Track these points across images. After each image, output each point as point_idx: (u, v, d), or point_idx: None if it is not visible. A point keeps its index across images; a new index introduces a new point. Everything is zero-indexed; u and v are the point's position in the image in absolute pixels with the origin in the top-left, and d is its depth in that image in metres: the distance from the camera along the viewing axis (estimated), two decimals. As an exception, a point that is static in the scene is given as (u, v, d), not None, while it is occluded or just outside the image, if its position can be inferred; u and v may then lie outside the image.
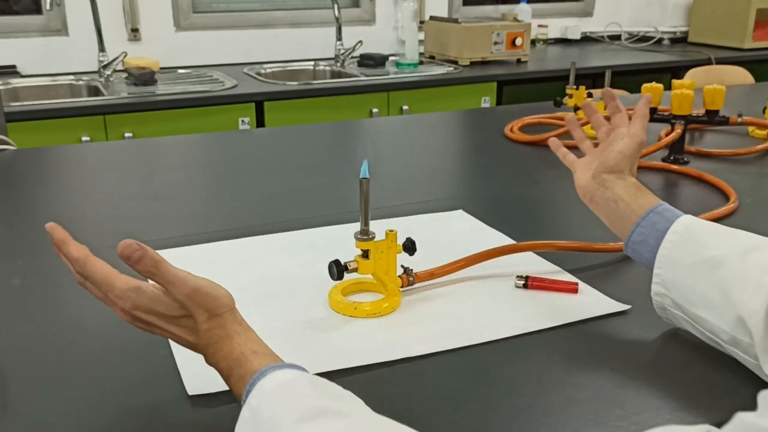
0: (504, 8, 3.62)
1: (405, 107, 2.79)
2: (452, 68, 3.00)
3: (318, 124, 2.27)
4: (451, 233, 1.14)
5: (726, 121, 1.62)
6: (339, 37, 3.06)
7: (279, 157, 1.63)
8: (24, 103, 2.33)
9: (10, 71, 2.72)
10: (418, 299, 0.92)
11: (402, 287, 0.91)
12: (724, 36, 3.62)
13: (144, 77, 2.58)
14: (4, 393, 0.72)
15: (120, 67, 2.68)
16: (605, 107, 0.99)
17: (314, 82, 2.88)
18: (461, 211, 1.22)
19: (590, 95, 1.76)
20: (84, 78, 2.73)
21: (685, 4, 3.83)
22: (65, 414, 0.70)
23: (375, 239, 0.85)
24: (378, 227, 0.85)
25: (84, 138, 2.29)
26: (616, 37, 3.80)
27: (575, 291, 0.92)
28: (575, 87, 1.78)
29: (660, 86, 1.56)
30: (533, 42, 3.60)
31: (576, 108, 1.78)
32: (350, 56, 3.08)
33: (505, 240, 1.09)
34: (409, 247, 0.89)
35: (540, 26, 3.65)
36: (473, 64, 3.08)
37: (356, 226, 0.85)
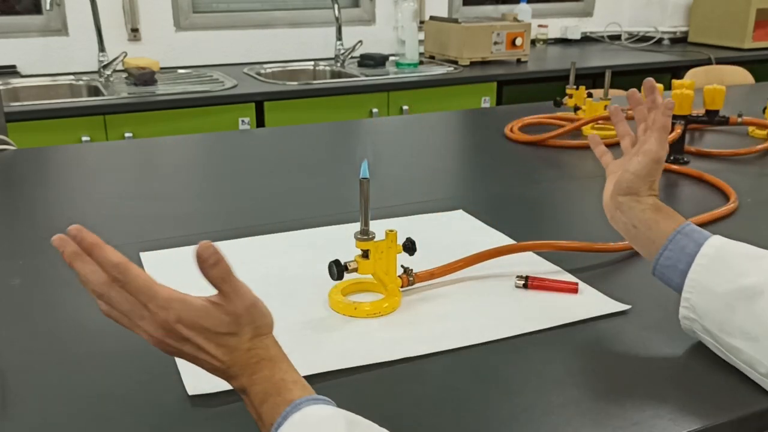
0: (504, 8, 3.62)
1: (405, 107, 2.79)
2: (452, 68, 3.00)
3: (318, 124, 2.27)
4: (451, 233, 1.14)
5: (726, 121, 1.62)
6: (339, 37, 3.06)
7: (279, 157, 1.63)
8: (24, 103, 2.33)
9: (10, 71, 2.72)
10: (418, 299, 0.92)
11: (402, 287, 0.91)
12: (724, 36, 3.62)
13: (144, 77, 2.58)
14: (4, 393, 0.72)
15: (120, 67, 2.68)
16: (631, 103, 0.90)
17: (314, 82, 2.88)
18: (461, 211, 1.22)
19: (590, 95, 1.76)
20: (84, 78, 2.73)
21: (685, 4, 3.83)
22: (65, 414, 0.70)
23: (375, 239, 0.85)
24: (378, 227, 0.85)
25: (84, 138, 2.29)
26: (616, 37, 3.80)
27: (575, 291, 0.92)
28: (575, 87, 1.79)
29: (660, 86, 1.56)
30: (533, 42, 3.60)
31: (576, 108, 1.79)
32: (350, 56, 3.08)
33: (505, 240, 1.09)
34: (409, 247, 0.89)
35: (540, 26, 3.65)
36: (473, 64, 3.08)
37: (356, 226, 0.85)
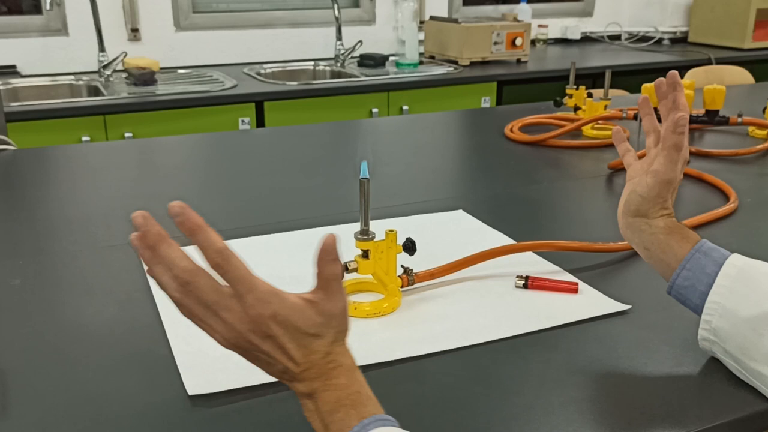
0: (504, 8, 3.62)
1: (405, 107, 2.79)
2: (452, 68, 3.00)
3: (318, 124, 2.27)
4: (451, 233, 1.14)
5: (726, 121, 1.62)
6: (339, 37, 3.06)
7: (279, 157, 1.63)
8: (24, 103, 2.33)
9: (10, 71, 2.71)
10: (418, 299, 0.92)
11: (402, 287, 0.91)
12: (724, 36, 3.62)
13: (144, 77, 2.58)
14: (4, 393, 0.72)
15: (120, 67, 2.68)
16: (658, 99, 0.82)
17: (314, 82, 2.88)
18: (461, 211, 1.22)
19: (590, 95, 1.76)
20: (84, 78, 2.73)
21: (685, 4, 3.83)
22: (65, 414, 0.70)
23: (375, 239, 0.85)
24: (378, 227, 0.85)
25: (84, 138, 2.29)
26: (616, 37, 3.80)
27: (575, 291, 0.92)
28: (575, 87, 1.79)
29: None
30: (533, 42, 3.60)
31: (576, 108, 1.79)
32: (350, 56, 3.08)
33: (505, 240, 1.09)
34: (409, 247, 0.89)
35: (540, 26, 3.65)
36: (473, 64, 3.08)
37: (356, 226, 0.85)
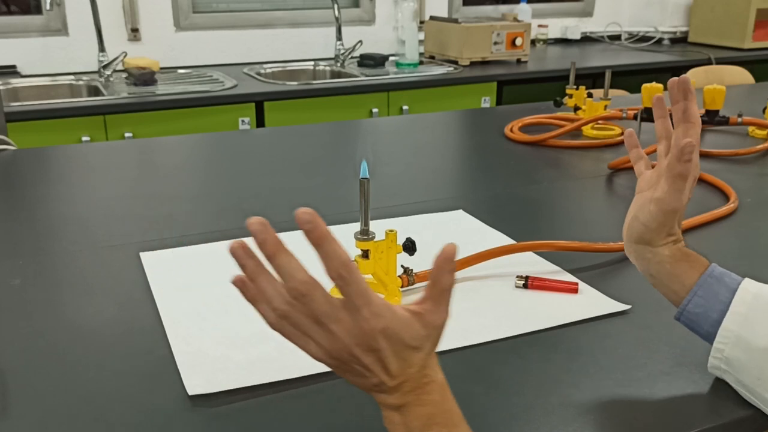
0: (504, 8, 3.62)
1: (405, 107, 2.79)
2: (452, 68, 3.00)
3: (318, 124, 2.27)
4: (451, 233, 1.14)
5: (726, 121, 1.62)
6: (339, 37, 3.06)
7: (279, 157, 1.63)
8: (24, 103, 2.33)
9: (10, 71, 2.71)
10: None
11: (402, 287, 0.91)
12: (724, 36, 3.62)
13: (144, 77, 2.58)
14: (4, 393, 0.72)
15: (120, 67, 2.68)
16: (672, 103, 0.76)
17: (314, 82, 2.88)
18: (461, 211, 1.22)
19: (590, 95, 1.76)
20: (84, 78, 2.73)
21: (685, 4, 3.83)
22: (65, 414, 0.70)
23: (375, 239, 0.85)
24: (378, 227, 0.85)
25: (84, 138, 2.29)
26: (616, 37, 3.80)
27: (575, 291, 0.92)
28: (575, 87, 1.79)
29: (660, 86, 1.57)
30: (533, 42, 3.60)
31: (576, 108, 1.79)
32: (350, 56, 3.08)
33: (505, 240, 1.09)
34: (409, 247, 0.89)
35: (540, 26, 3.65)
36: (473, 64, 3.08)
37: (356, 226, 0.85)
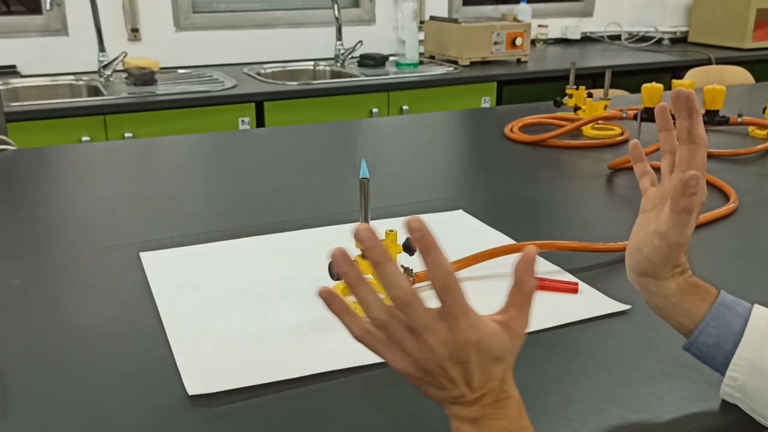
0: (504, 8, 3.62)
1: (405, 107, 2.79)
2: (452, 68, 3.00)
3: (318, 124, 2.27)
4: (451, 233, 1.14)
5: (726, 121, 1.62)
6: (339, 37, 3.06)
7: (279, 157, 1.63)
8: (24, 103, 2.33)
9: (10, 71, 2.71)
10: (418, 299, 0.91)
11: (402, 287, 0.91)
12: (724, 36, 3.62)
13: (144, 77, 2.58)
14: (4, 393, 0.72)
15: (120, 67, 2.68)
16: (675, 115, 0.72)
17: (314, 82, 2.88)
18: (461, 211, 1.22)
19: (590, 95, 1.76)
20: (84, 78, 2.73)
21: (685, 4, 3.83)
22: (65, 414, 0.70)
23: (375, 239, 0.85)
24: (378, 227, 0.85)
25: (84, 138, 2.29)
26: (616, 37, 3.80)
27: (575, 291, 0.92)
28: (575, 87, 1.79)
29: (660, 86, 1.57)
30: (533, 42, 3.60)
31: (576, 108, 1.79)
32: (350, 56, 3.08)
33: (505, 240, 1.09)
34: (409, 247, 0.89)
35: (540, 26, 3.65)
36: (473, 64, 3.08)
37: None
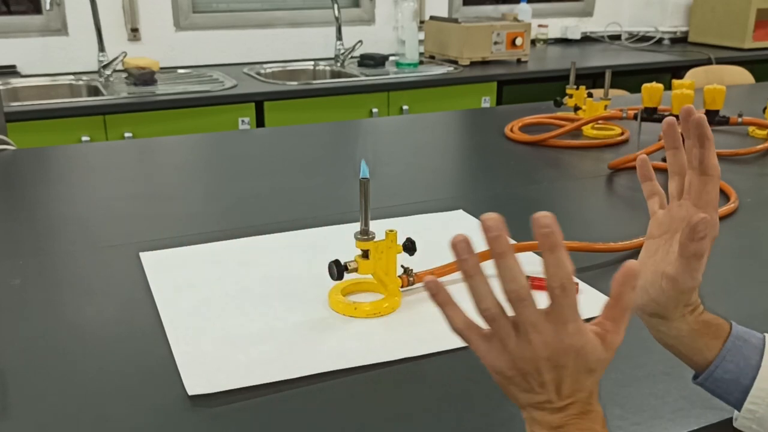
0: (504, 8, 3.62)
1: (405, 107, 2.79)
2: (452, 68, 3.00)
3: (318, 124, 2.27)
4: (451, 233, 1.14)
5: (726, 121, 1.62)
6: (339, 37, 3.06)
7: (279, 157, 1.63)
8: (24, 103, 2.33)
9: (10, 71, 2.71)
10: (418, 299, 0.91)
11: (402, 287, 0.91)
12: (724, 36, 3.62)
13: (144, 77, 2.58)
14: (4, 393, 0.72)
15: (120, 67, 2.68)
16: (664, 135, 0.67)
17: (314, 82, 2.88)
18: (461, 211, 1.22)
19: (590, 95, 1.76)
20: (84, 78, 2.73)
21: (685, 4, 3.83)
22: (65, 414, 0.70)
23: (375, 239, 0.85)
24: (378, 227, 0.85)
25: (84, 138, 2.29)
26: (616, 37, 3.80)
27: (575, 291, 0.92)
28: (575, 87, 1.79)
29: (660, 86, 1.56)
30: (533, 42, 3.60)
31: (576, 108, 1.79)
32: (350, 56, 3.08)
33: (505, 240, 1.09)
34: (409, 247, 0.89)
35: (540, 26, 3.65)
36: (473, 64, 3.08)
37: (356, 226, 0.85)
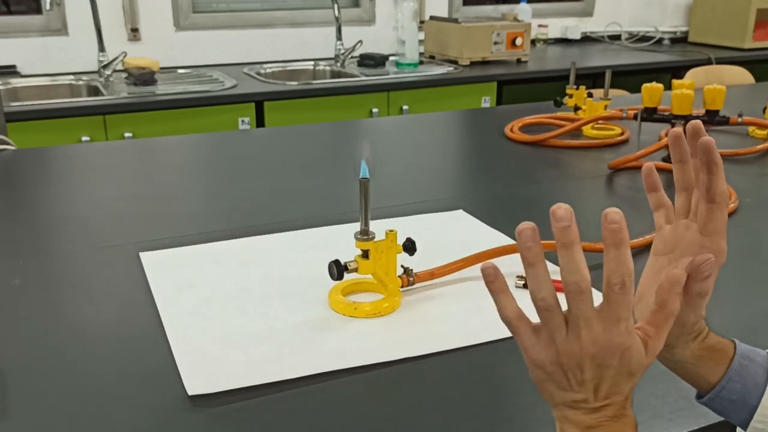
0: (504, 8, 3.62)
1: (405, 107, 2.79)
2: (452, 68, 3.00)
3: (318, 124, 2.27)
4: (451, 233, 1.14)
5: (726, 121, 1.62)
6: (339, 37, 3.06)
7: (279, 157, 1.63)
8: (24, 103, 2.33)
9: (10, 71, 2.71)
10: (418, 299, 0.92)
11: (402, 287, 0.91)
12: (724, 36, 3.62)
13: (144, 77, 2.58)
14: (4, 393, 0.72)
15: (120, 67, 2.68)
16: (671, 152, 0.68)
17: (314, 82, 2.88)
18: (461, 211, 1.22)
19: (590, 95, 1.76)
20: (84, 78, 2.73)
21: (685, 4, 3.83)
22: (65, 414, 0.70)
23: (375, 239, 0.85)
24: (378, 227, 0.85)
25: (84, 138, 2.29)
26: (616, 37, 3.80)
27: (575, 291, 0.92)
28: (575, 87, 1.79)
29: (660, 86, 1.56)
30: (533, 42, 3.60)
31: (576, 108, 1.79)
32: (350, 56, 3.08)
33: (505, 240, 1.09)
34: (409, 247, 0.89)
35: (540, 26, 3.65)
36: (473, 64, 3.08)
37: (356, 226, 0.85)
